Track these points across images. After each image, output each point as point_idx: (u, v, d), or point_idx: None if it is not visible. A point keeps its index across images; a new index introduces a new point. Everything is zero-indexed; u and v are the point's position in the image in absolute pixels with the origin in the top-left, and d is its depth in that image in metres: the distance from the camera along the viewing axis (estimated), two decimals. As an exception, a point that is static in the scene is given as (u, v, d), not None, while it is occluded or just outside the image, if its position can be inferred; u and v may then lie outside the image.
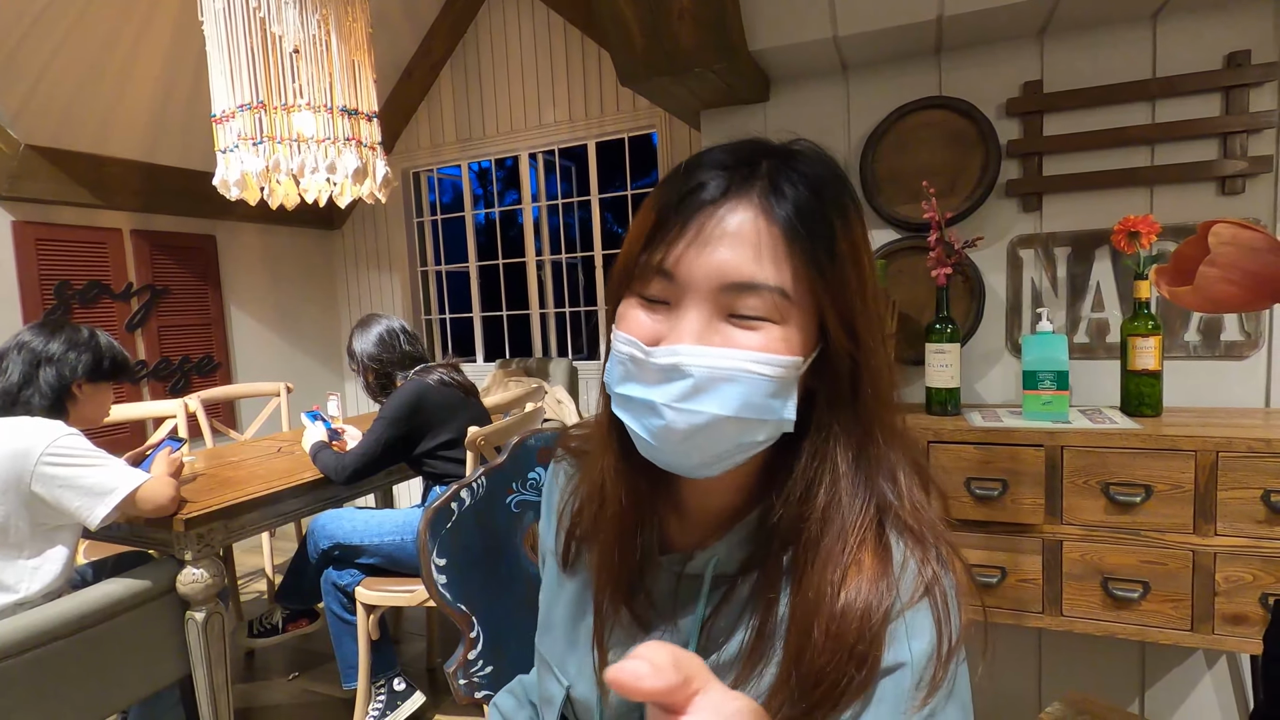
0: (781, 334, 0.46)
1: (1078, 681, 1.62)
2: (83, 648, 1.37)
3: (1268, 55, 1.41)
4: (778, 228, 0.45)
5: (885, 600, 0.44)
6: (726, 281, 0.45)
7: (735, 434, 0.46)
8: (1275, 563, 1.20)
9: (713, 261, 0.45)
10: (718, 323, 0.46)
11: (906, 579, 0.46)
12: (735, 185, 0.46)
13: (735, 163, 0.47)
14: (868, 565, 0.46)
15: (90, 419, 1.55)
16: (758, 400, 0.45)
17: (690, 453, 0.47)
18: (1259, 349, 1.47)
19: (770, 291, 0.45)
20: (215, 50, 1.76)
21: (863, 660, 0.43)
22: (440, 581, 0.85)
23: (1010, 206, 1.64)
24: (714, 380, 0.45)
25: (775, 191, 0.46)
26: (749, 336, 0.45)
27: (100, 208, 2.90)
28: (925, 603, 0.45)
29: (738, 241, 0.45)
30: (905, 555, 0.47)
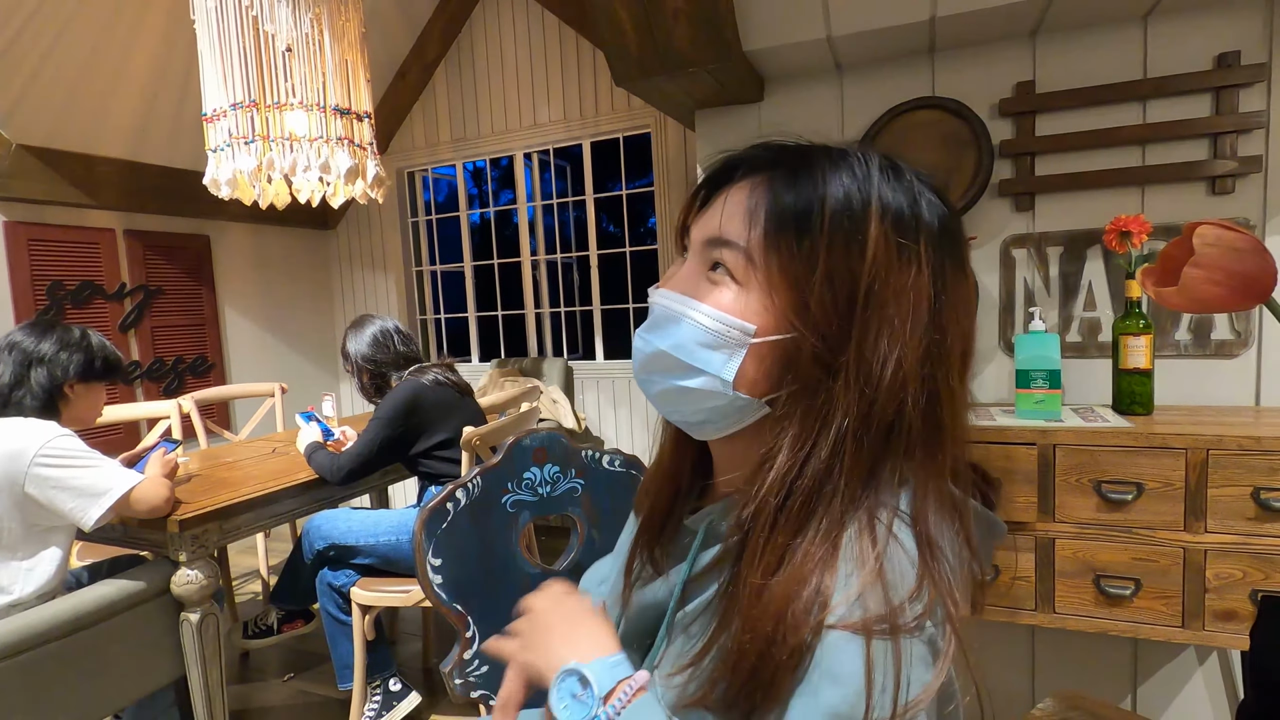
0: (739, 294, 0.49)
1: (1070, 678, 1.63)
2: (77, 649, 1.37)
3: (1257, 56, 1.42)
4: (767, 203, 0.49)
5: (811, 601, 0.42)
6: (709, 236, 0.51)
7: (671, 373, 0.52)
8: (1265, 560, 1.21)
9: (708, 220, 0.52)
10: (702, 273, 0.52)
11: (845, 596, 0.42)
12: (759, 166, 0.51)
13: (769, 149, 0.52)
14: (808, 563, 0.43)
15: (82, 419, 1.55)
16: (689, 345, 0.50)
17: (646, 381, 0.55)
18: (1249, 348, 1.49)
19: (736, 250, 0.49)
20: (207, 49, 1.75)
21: (781, 658, 0.41)
22: (436, 581, 0.85)
23: (1003, 206, 1.65)
24: (663, 318, 0.52)
25: (790, 179, 0.49)
26: (712, 290, 0.51)
27: (92, 208, 2.89)
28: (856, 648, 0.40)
29: (733, 208, 0.50)
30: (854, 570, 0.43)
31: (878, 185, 0.48)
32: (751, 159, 0.52)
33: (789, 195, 0.48)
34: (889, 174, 0.49)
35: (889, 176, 0.49)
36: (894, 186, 0.49)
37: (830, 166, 0.49)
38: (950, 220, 0.51)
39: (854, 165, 0.49)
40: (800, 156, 0.50)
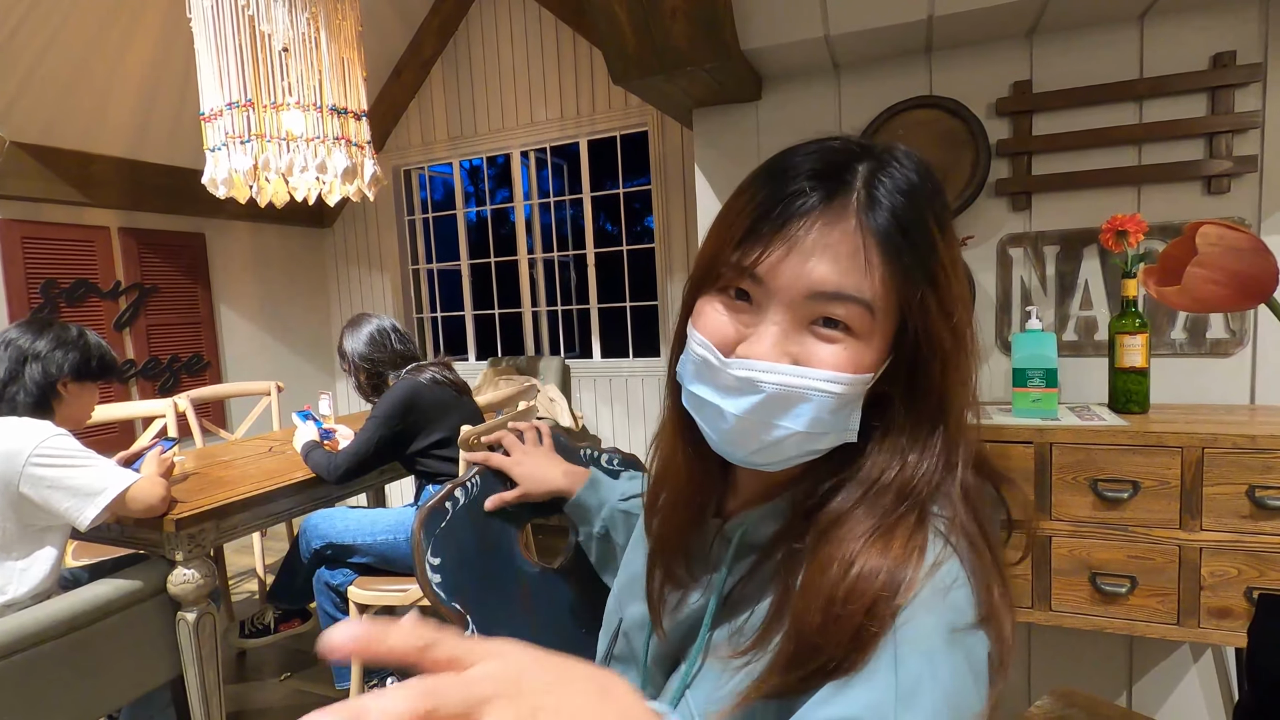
0: (861, 348, 0.46)
1: (1066, 676, 1.63)
2: (72, 649, 1.36)
3: (1253, 56, 1.43)
4: (873, 240, 0.45)
5: (896, 589, 0.42)
6: (815, 291, 0.45)
7: (799, 444, 0.48)
8: (1260, 557, 1.22)
9: (804, 271, 0.45)
10: (798, 332, 0.47)
11: (932, 579, 0.43)
12: (833, 194, 0.46)
13: (831, 169, 0.47)
14: (892, 552, 0.44)
15: (75, 419, 1.54)
16: (826, 416, 0.47)
17: (754, 456, 0.50)
18: (1244, 346, 1.49)
19: (857, 304, 0.45)
20: (204, 48, 1.75)
21: (858, 637, 0.42)
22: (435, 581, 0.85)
23: (1000, 205, 1.65)
24: (785, 398, 0.46)
25: (873, 202, 0.46)
26: (828, 349, 0.46)
27: (87, 205, 2.87)
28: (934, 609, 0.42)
29: (832, 253, 0.45)
30: (939, 560, 0.44)
31: (928, 188, 0.48)
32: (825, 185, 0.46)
33: (899, 227, 0.45)
34: (934, 180, 0.49)
35: (937, 184, 0.49)
36: (942, 195, 0.49)
37: (900, 168, 0.47)
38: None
39: (909, 160, 0.48)
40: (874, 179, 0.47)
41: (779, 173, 0.48)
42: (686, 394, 0.53)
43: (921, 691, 0.40)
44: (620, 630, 0.66)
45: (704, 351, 0.49)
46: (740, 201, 0.50)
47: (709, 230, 0.52)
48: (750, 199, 0.49)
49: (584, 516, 0.85)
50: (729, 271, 0.49)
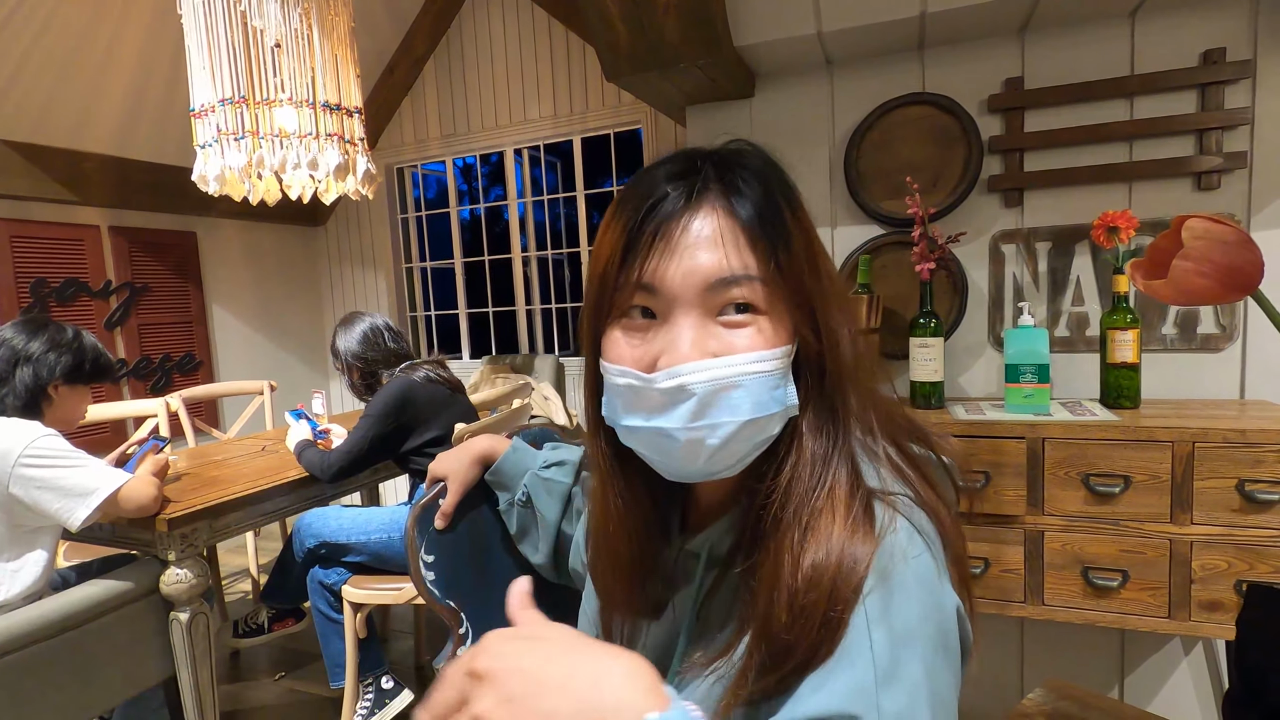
0: (769, 324, 0.48)
1: (1059, 669, 1.64)
2: (65, 650, 1.36)
3: (1242, 53, 1.44)
4: (739, 224, 0.47)
5: (852, 564, 0.43)
6: (709, 280, 0.46)
7: (751, 435, 0.48)
8: (1250, 550, 1.23)
9: (693, 266, 0.46)
10: (709, 328, 0.47)
11: (884, 550, 0.44)
12: (694, 192, 0.48)
13: (685, 171, 0.49)
14: (836, 531, 0.45)
15: (65, 421, 1.53)
16: (765, 397, 0.47)
17: (709, 466, 0.48)
18: (1234, 341, 1.50)
19: (753, 280, 0.47)
20: (194, 44, 1.73)
21: (826, 624, 0.42)
22: (429, 578, 0.85)
23: (992, 202, 1.66)
24: (719, 392, 0.46)
25: (732, 191, 0.48)
26: (742, 334, 0.47)
27: (77, 204, 2.85)
28: (893, 580, 0.43)
29: (710, 242, 0.46)
30: (887, 524, 0.45)
31: (773, 162, 0.51)
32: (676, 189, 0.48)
33: (752, 207, 0.48)
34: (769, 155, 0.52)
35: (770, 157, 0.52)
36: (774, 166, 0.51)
37: (745, 158, 0.50)
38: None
39: (750, 150, 0.51)
40: (721, 162, 0.50)
41: (638, 188, 0.49)
42: (623, 431, 0.51)
43: (899, 668, 0.40)
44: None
45: (626, 378, 0.48)
46: (611, 226, 0.50)
47: (589, 265, 0.52)
48: (619, 219, 0.49)
49: (505, 483, 0.86)
50: (623, 293, 0.49)
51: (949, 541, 0.47)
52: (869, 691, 0.39)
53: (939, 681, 0.41)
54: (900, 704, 0.39)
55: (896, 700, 0.39)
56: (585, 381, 0.56)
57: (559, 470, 0.83)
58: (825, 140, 1.77)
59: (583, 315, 0.54)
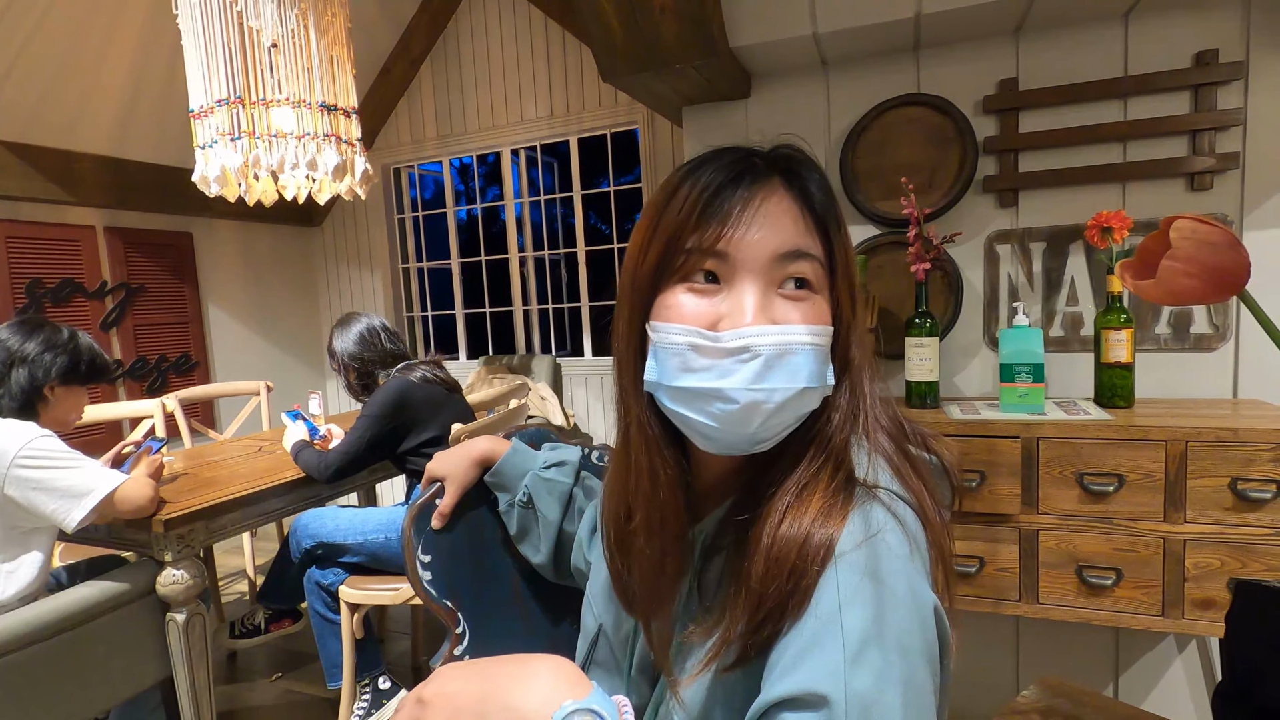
0: (821, 302, 0.51)
1: (1054, 667, 1.65)
2: (61, 651, 1.35)
3: (1235, 54, 1.45)
4: (807, 207, 0.52)
5: (824, 532, 0.46)
6: (779, 252, 0.49)
7: (799, 405, 0.50)
8: (1242, 549, 1.24)
9: (766, 237, 0.49)
10: (770, 298, 0.50)
11: (860, 533, 0.45)
12: (759, 175, 0.51)
13: (747, 156, 0.53)
14: (815, 502, 0.48)
15: (62, 422, 1.52)
16: (818, 368, 0.50)
17: (762, 431, 0.50)
18: (1226, 341, 1.51)
19: (814, 260, 0.50)
20: (191, 44, 1.73)
21: (798, 579, 0.44)
22: (426, 578, 0.85)
23: (987, 202, 1.66)
24: (782, 356, 0.48)
25: (795, 176, 0.52)
26: (798, 308, 0.50)
27: (72, 204, 2.84)
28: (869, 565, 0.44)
29: (780, 219, 0.50)
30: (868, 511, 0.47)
31: (823, 174, 0.55)
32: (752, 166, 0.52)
33: (819, 194, 0.52)
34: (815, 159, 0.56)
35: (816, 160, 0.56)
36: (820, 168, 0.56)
37: (811, 162, 0.54)
38: None
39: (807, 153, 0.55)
40: (787, 156, 0.54)
41: (717, 159, 0.52)
42: (674, 393, 0.51)
43: (869, 648, 0.41)
44: (599, 636, 0.66)
45: (688, 336, 0.49)
46: (681, 192, 0.51)
47: (644, 229, 0.53)
48: (694, 186, 0.51)
49: (505, 484, 0.86)
50: (692, 256, 0.50)
51: (934, 539, 0.48)
52: (838, 670, 0.40)
53: (911, 666, 0.41)
54: (867, 683, 0.40)
55: (864, 679, 0.40)
56: (622, 349, 0.56)
57: (559, 470, 0.84)
58: (821, 141, 1.78)
59: (632, 278, 0.54)
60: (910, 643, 0.42)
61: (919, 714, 0.41)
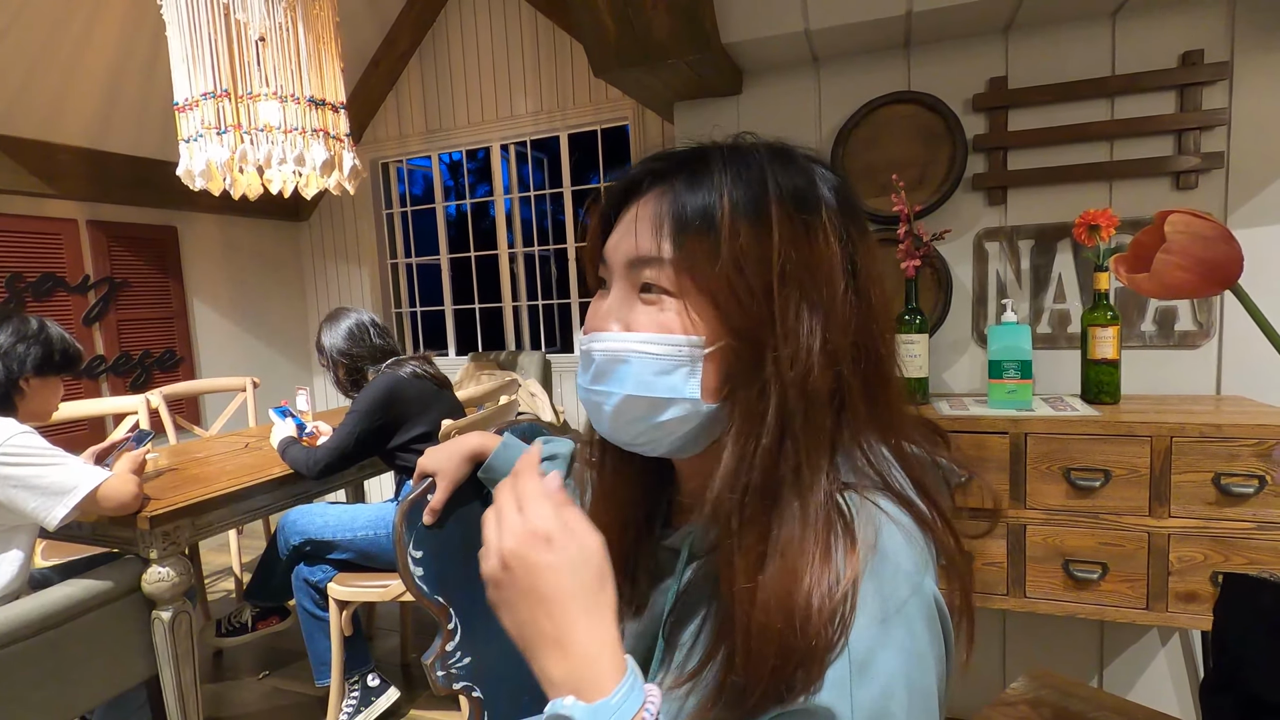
0: (677, 309, 0.48)
1: (1041, 660, 1.67)
2: (44, 650, 1.34)
3: (1220, 55, 1.46)
4: (670, 210, 0.49)
5: (825, 587, 0.41)
6: (630, 257, 0.50)
7: (642, 412, 0.50)
8: (1225, 542, 1.26)
9: (624, 242, 0.50)
10: (629, 301, 0.51)
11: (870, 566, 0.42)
12: (659, 177, 0.51)
13: (669, 156, 0.52)
14: (793, 551, 0.42)
15: (38, 414, 1.50)
16: (648, 378, 0.48)
17: (617, 431, 0.52)
18: (1210, 338, 1.53)
19: (662, 264, 0.48)
20: (176, 37, 1.71)
21: (807, 645, 0.39)
22: (417, 574, 0.84)
23: (977, 200, 1.67)
24: (610, 363, 0.50)
25: (680, 181, 0.49)
26: (645, 312, 0.49)
27: (53, 197, 2.80)
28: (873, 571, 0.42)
29: (644, 223, 0.50)
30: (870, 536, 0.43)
31: (770, 169, 0.49)
32: (651, 172, 0.52)
33: (691, 196, 0.48)
34: (781, 158, 0.50)
35: (781, 160, 0.50)
36: (787, 169, 0.49)
37: (725, 162, 0.49)
38: (845, 189, 0.52)
39: (747, 156, 0.50)
40: (696, 158, 0.51)
41: (619, 178, 0.54)
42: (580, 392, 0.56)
43: (875, 658, 0.40)
44: None
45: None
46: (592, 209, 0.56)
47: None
48: (597, 203, 0.55)
49: (498, 479, 0.85)
50: (591, 266, 0.55)
51: (941, 545, 0.47)
52: (844, 682, 0.39)
53: (921, 670, 0.41)
54: (874, 693, 0.39)
55: (870, 690, 0.39)
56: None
57: (551, 464, 0.84)
58: (812, 137, 1.78)
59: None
60: (920, 647, 0.41)
61: (925, 717, 0.41)
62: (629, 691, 0.41)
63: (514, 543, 0.44)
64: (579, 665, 0.41)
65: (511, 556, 0.43)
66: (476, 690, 0.86)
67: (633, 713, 0.41)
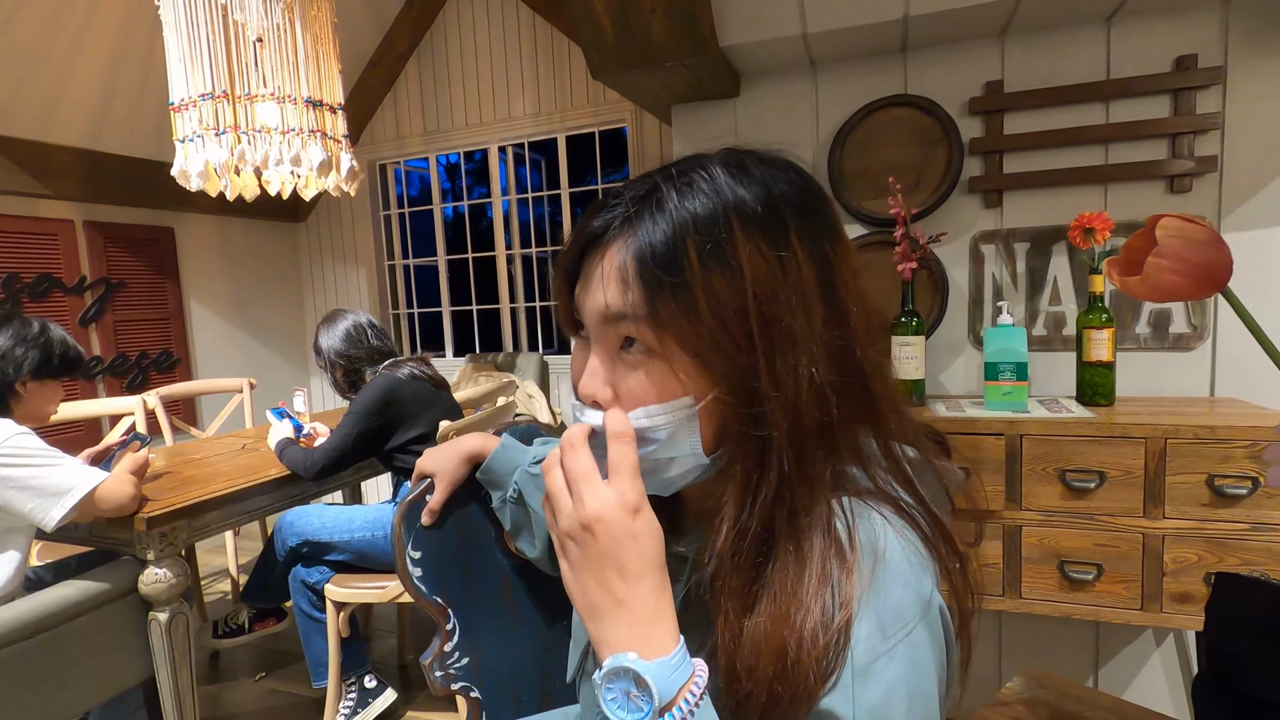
0: (664, 369, 0.46)
1: (1037, 660, 1.68)
2: (40, 651, 1.33)
3: (1213, 59, 1.47)
4: (635, 259, 0.45)
5: (814, 628, 0.41)
6: (603, 316, 0.47)
7: (647, 469, 0.48)
8: (1219, 544, 1.27)
9: (594, 299, 0.48)
10: (613, 360, 0.49)
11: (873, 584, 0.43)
12: (619, 224, 0.47)
13: (626, 196, 0.48)
14: (790, 596, 0.43)
15: (36, 417, 1.50)
16: (650, 447, 0.48)
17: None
18: (1204, 341, 1.54)
19: (638, 320, 0.45)
20: (173, 37, 1.71)
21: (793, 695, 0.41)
22: (416, 574, 0.85)
23: (973, 203, 1.68)
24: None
25: (640, 225, 0.46)
26: (634, 377, 0.47)
27: (49, 198, 2.79)
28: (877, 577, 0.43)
29: (609, 277, 0.47)
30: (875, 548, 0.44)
31: (729, 191, 0.45)
32: (606, 223, 0.48)
33: (653, 245, 0.45)
34: (734, 173, 0.47)
35: (736, 178, 0.46)
36: (744, 184, 0.46)
37: (678, 191, 0.46)
38: (809, 194, 0.48)
39: (699, 180, 0.46)
40: (647, 193, 0.47)
41: (578, 224, 0.51)
42: None
43: (877, 661, 0.40)
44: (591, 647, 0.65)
45: (574, 402, 0.52)
46: (559, 256, 0.52)
47: None
48: (563, 249, 0.52)
49: (496, 481, 0.86)
50: (565, 318, 0.52)
51: (940, 555, 0.47)
52: (845, 685, 0.40)
53: (922, 677, 0.41)
54: (877, 696, 0.40)
55: (872, 693, 0.40)
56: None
57: None
58: (810, 140, 1.79)
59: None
60: (921, 654, 0.42)
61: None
62: (684, 658, 0.42)
63: (601, 508, 0.43)
64: (643, 627, 0.42)
65: (596, 521, 0.43)
66: (474, 691, 0.87)
67: (686, 678, 0.41)
